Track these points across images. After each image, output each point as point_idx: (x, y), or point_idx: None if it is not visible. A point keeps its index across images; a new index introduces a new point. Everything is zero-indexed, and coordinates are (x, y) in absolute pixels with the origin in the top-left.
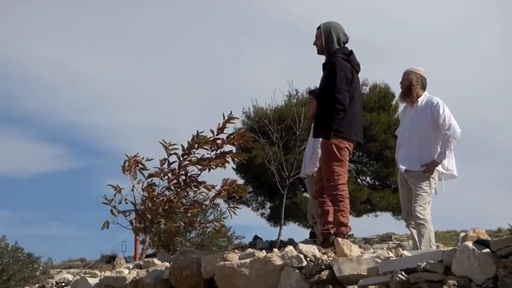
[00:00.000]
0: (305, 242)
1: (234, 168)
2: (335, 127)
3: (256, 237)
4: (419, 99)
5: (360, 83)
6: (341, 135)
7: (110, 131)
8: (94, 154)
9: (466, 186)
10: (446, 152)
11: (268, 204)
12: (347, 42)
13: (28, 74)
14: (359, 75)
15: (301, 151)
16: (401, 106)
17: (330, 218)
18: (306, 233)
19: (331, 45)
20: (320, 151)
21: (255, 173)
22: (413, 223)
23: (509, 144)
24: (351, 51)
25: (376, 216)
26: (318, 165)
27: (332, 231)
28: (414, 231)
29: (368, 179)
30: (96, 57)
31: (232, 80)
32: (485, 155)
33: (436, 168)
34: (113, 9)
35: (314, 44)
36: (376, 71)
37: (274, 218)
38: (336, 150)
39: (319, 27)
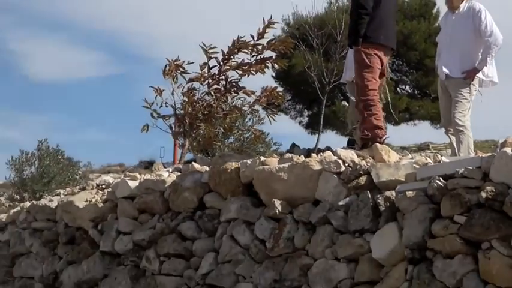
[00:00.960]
0: (343, 149)
1: (273, 76)
2: (361, 32)
3: (293, 145)
4: (461, 5)
5: None
6: (369, 40)
7: (150, 38)
8: (134, 61)
9: (506, 96)
10: (488, 58)
11: (306, 113)
12: None
13: None
14: None
15: (341, 57)
16: (443, 13)
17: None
18: (343, 140)
19: None
20: None
21: (294, 81)
22: (452, 130)
23: None
24: None
25: (415, 125)
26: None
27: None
28: (453, 138)
29: (407, 87)
30: None
31: None
32: None
33: (477, 75)
34: None
35: None
36: None
37: (312, 126)
38: (364, 57)
39: None
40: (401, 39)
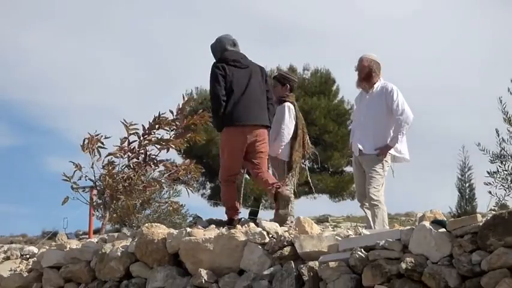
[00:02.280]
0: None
1: (176, 149)
2: (218, 121)
3: (197, 217)
4: (374, 85)
5: (245, 73)
6: (227, 125)
7: (52, 109)
8: (34, 132)
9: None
10: (399, 136)
11: (209, 185)
12: (235, 45)
13: None
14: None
15: None
16: (354, 91)
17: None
18: (245, 212)
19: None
20: (284, 132)
21: (196, 154)
22: (367, 204)
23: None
24: (227, 49)
25: (314, 198)
26: (282, 146)
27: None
28: (368, 212)
29: (306, 162)
30: (42, 35)
31: (177, 61)
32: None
33: (389, 151)
34: None
35: None
36: (319, 56)
37: (215, 198)
38: (224, 139)
39: None
40: (302, 115)
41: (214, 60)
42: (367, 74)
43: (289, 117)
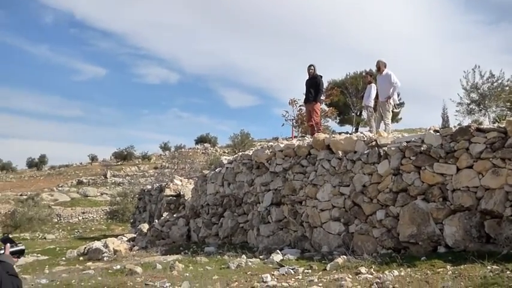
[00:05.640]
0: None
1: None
2: (318, 97)
3: (333, 131)
4: (383, 72)
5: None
6: (320, 101)
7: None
8: (269, 97)
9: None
10: (395, 92)
11: (338, 118)
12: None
13: None
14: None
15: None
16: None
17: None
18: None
19: (316, 72)
20: (371, 96)
21: (335, 104)
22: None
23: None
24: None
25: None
26: (370, 101)
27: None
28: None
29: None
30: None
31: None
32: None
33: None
34: None
35: (310, 71)
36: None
37: (341, 123)
38: (319, 106)
39: (311, 65)
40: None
41: (318, 74)
42: (379, 67)
43: (374, 90)
